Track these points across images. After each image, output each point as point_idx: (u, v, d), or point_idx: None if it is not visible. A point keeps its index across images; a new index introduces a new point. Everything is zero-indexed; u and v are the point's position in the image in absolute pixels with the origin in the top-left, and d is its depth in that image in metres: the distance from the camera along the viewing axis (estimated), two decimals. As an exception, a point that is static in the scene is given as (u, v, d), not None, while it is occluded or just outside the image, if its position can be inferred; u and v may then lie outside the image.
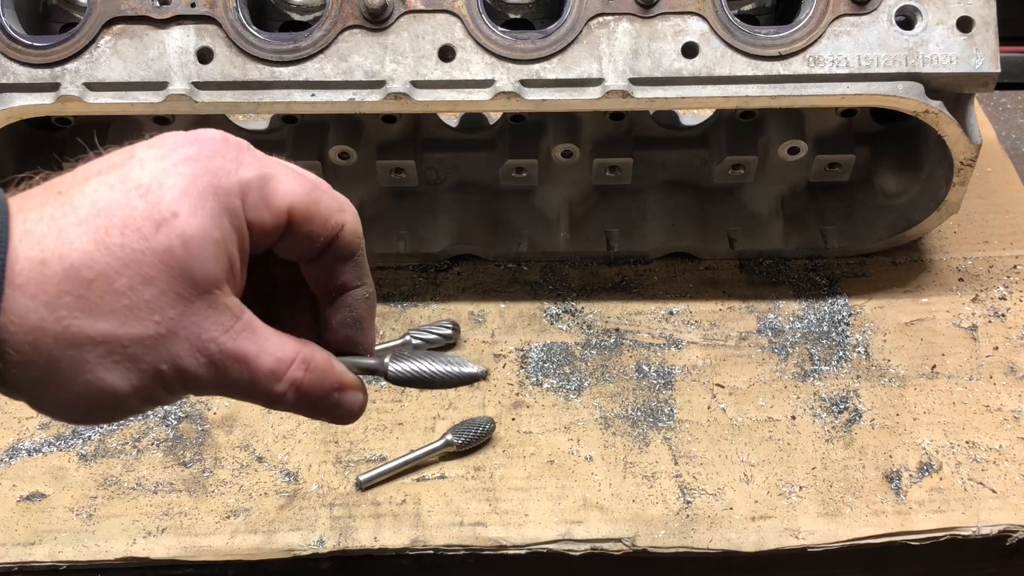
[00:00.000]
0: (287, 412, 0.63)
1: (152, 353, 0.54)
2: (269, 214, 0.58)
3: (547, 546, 0.92)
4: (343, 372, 0.64)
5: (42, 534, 0.93)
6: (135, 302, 0.53)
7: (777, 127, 1.13)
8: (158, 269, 0.54)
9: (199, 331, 0.56)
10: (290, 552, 0.92)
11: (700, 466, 0.98)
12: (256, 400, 0.61)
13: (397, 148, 1.15)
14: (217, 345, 0.56)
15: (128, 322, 0.53)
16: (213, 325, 0.56)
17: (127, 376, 0.54)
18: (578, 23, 0.97)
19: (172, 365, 0.55)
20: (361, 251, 0.65)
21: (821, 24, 0.97)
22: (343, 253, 0.63)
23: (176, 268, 0.54)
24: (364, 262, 0.65)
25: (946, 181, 1.06)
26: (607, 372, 1.06)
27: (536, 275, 1.17)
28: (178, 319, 0.55)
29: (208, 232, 0.55)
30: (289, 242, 0.61)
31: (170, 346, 0.55)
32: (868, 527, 0.93)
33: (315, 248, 0.62)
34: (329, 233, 0.61)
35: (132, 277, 0.53)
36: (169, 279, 0.54)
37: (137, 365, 0.54)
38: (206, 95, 0.97)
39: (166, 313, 0.54)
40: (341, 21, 0.97)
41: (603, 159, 1.14)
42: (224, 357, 0.57)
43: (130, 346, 0.54)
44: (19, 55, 0.97)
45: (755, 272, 1.17)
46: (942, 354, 1.07)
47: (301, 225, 0.60)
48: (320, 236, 0.61)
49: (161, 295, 0.54)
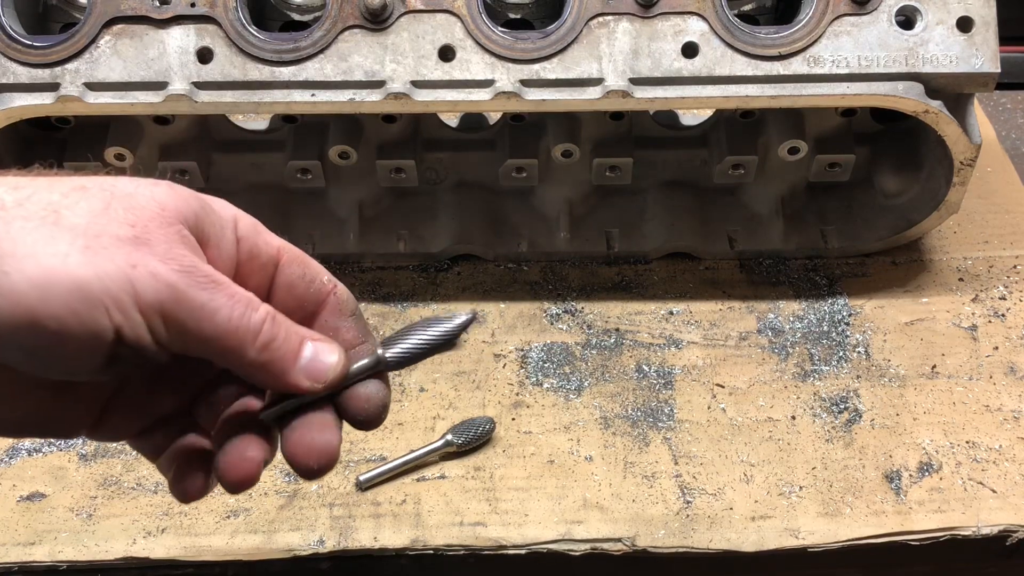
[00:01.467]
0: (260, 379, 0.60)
1: (124, 248, 0.53)
2: (261, 241, 0.61)
3: (547, 546, 0.92)
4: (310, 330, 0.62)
5: (42, 534, 0.93)
6: (112, 207, 0.54)
7: (777, 127, 1.13)
8: (140, 192, 0.56)
9: (172, 245, 0.55)
10: (290, 552, 0.92)
11: (700, 466, 0.98)
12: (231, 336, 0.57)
13: (397, 148, 1.15)
14: (191, 260, 0.55)
15: (103, 220, 0.53)
16: (187, 248, 0.56)
17: (95, 261, 0.52)
18: (578, 23, 0.97)
19: (146, 265, 0.53)
20: (359, 312, 0.65)
21: (821, 24, 0.97)
22: (343, 308, 0.64)
23: (159, 196, 0.56)
24: (365, 323, 0.66)
25: (946, 181, 1.06)
26: (607, 372, 1.06)
27: (536, 275, 1.18)
28: (154, 230, 0.55)
29: (195, 201, 0.58)
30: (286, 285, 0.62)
31: (143, 248, 0.54)
32: (868, 527, 0.93)
33: (311, 295, 0.63)
34: (323, 284, 0.63)
35: (114, 193, 0.55)
36: (149, 200, 0.56)
37: (108, 254, 0.52)
38: (206, 95, 0.97)
39: (142, 222, 0.54)
40: (341, 21, 0.97)
41: (603, 159, 1.14)
42: (197, 271, 0.55)
43: (102, 236, 0.53)
44: (19, 55, 0.97)
45: (755, 272, 1.17)
46: (942, 354, 1.07)
47: (293, 265, 0.62)
48: (314, 281, 0.63)
49: (140, 209, 0.55)
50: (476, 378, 1.06)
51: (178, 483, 0.64)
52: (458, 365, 1.07)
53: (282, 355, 0.59)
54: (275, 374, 0.59)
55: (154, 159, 1.13)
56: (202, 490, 0.64)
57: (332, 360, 0.61)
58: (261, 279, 0.62)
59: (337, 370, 0.61)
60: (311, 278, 0.63)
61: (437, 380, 1.06)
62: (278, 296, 0.63)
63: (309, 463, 0.61)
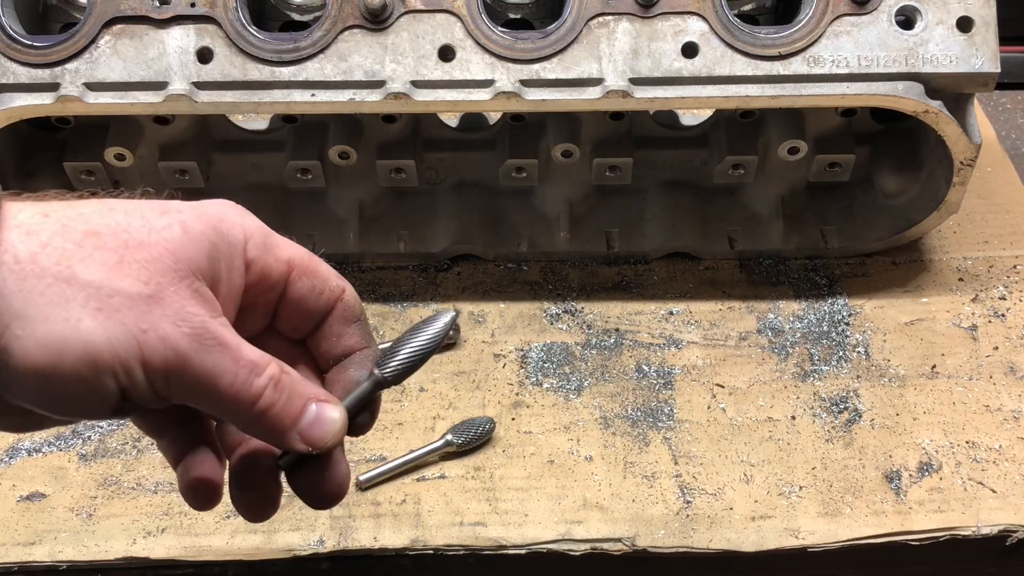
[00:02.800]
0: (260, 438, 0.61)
1: (136, 310, 0.53)
2: (272, 259, 0.61)
3: (547, 546, 0.92)
4: (319, 388, 0.63)
5: (42, 534, 0.93)
6: (125, 260, 0.54)
7: (777, 127, 1.13)
8: (153, 240, 0.55)
9: (185, 303, 0.55)
10: (290, 552, 0.92)
11: (700, 466, 0.98)
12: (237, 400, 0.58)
13: (397, 148, 1.15)
14: (202, 321, 0.56)
15: (116, 275, 0.54)
16: (198, 307, 0.56)
17: (106, 326, 0.53)
18: (578, 23, 0.97)
19: (156, 329, 0.54)
20: (364, 316, 0.67)
21: (821, 24, 0.97)
22: (349, 314, 0.65)
23: (172, 244, 0.56)
24: (368, 328, 0.67)
25: (946, 181, 1.06)
26: (607, 372, 1.06)
27: (536, 275, 1.18)
28: (166, 286, 0.55)
29: (207, 235, 0.57)
30: (295, 298, 0.63)
31: (155, 308, 0.54)
32: (868, 527, 0.93)
33: (320, 306, 0.64)
34: (332, 292, 0.64)
35: (127, 241, 0.55)
36: (162, 250, 0.55)
37: (120, 318, 0.53)
38: (206, 95, 0.97)
39: (155, 278, 0.55)
40: (341, 21, 0.97)
41: (603, 159, 1.14)
42: (206, 334, 0.56)
43: (115, 296, 0.53)
44: (19, 55, 0.97)
45: (755, 272, 1.17)
46: (942, 354, 1.07)
47: (303, 278, 0.63)
48: (323, 291, 0.64)
49: (153, 261, 0.55)
50: (476, 378, 1.06)
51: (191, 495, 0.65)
52: (458, 365, 1.07)
53: (279, 421, 0.60)
54: (272, 437, 0.61)
55: (154, 159, 1.13)
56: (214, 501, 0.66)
57: (333, 428, 0.62)
58: (270, 298, 0.63)
59: (337, 435, 0.62)
60: (320, 289, 0.64)
61: (437, 380, 1.06)
62: (286, 310, 0.64)
63: (322, 504, 0.65)
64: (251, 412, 0.58)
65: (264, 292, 0.62)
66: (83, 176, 1.13)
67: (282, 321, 0.65)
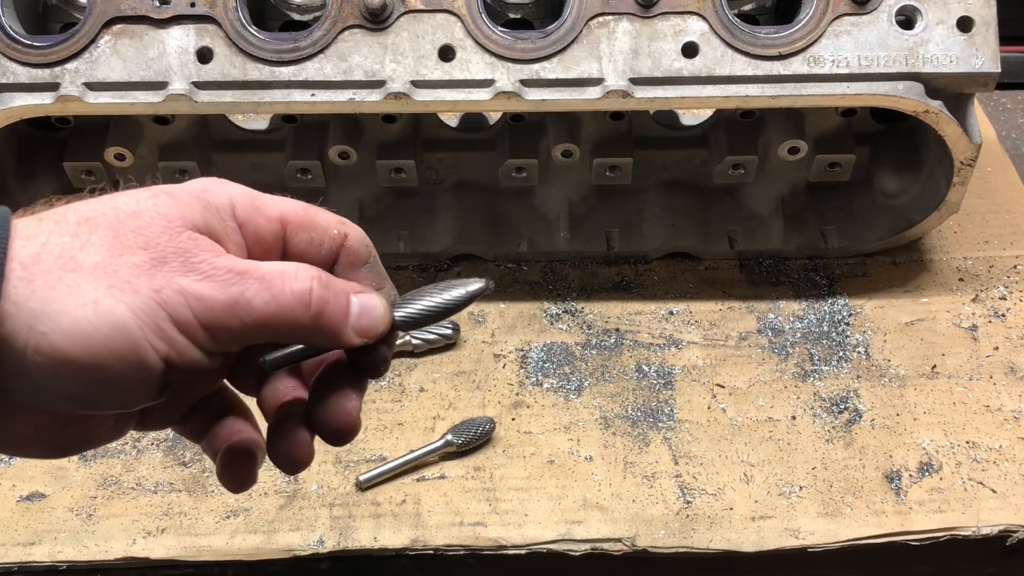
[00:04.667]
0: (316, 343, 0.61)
1: (144, 276, 0.54)
2: (262, 219, 0.61)
3: (547, 546, 0.92)
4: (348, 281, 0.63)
5: (42, 534, 0.93)
6: (120, 233, 0.55)
7: (777, 127, 1.13)
8: (143, 208, 0.56)
9: (188, 255, 0.55)
10: (290, 552, 0.92)
11: (700, 466, 0.98)
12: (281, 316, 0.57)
13: (397, 148, 1.15)
14: (209, 264, 0.56)
15: (115, 251, 0.54)
16: (202, 251, 0.56)
17: (123, 298, 0.53)
18: (578, 23, 0.97)
19: (169, 285, 0.54)
20: (373, 258, 0.65)
21: (821, 24, 0.97)
22: (355, 259, 0.64)
23: (161, 208, 0.56)
24: (380, 268, 0.66)
25: (946, 181, 1.06)
26: (607, 372, 1.06)
27: (536, 275, 1.17)
28: (166, 245, 0.55)
29: (195, 201, 0.58)
30: (296, 253, 0.62)
31: (162, 268, 0.54)
32: (868, 527, 0.93)
33: (323, 257, 0.63)
34: (332, 241, 0.63)
35: (118, 216, 0.55)
36: (153, 214, 0.56)
37: (131, 287, 0.53)
38: (206, 95, 0.97)
39: (153, 240, 0.55)
40: (341, 21, 0.97)
41: (603, 159, 1.14)
42: (221, 271, 0.56)
43: (121, 269, 0.54)
44: (19, 55, 0.97)
45: (755, 272, 1.17)
46: (942, 354, 1.07)
47: (300, 232, 0.62)
48: (323, 242, 0.62)
49: (146, 226, 0.55)
50: (476, 378, 1.06)
51: (226, 475, 0.65)
52: (458, 365, 1.07)
53: (335, 319, 0.60)
54: (330, 336, 0.60)
55: (154, 159, 1.13)
56: (250, 480, 0.66)
57: (379, 313, 0.62)
58: (272, 256, 0.62)
59: (385, 322, 0.63)
60: (319, 240, 0.63)
61: (437, 380, 1.06)
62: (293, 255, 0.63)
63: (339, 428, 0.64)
64: (307, 317, 0.58)
65: (263, 253, 0.61)
66: (83, 176, 1.13)
67: None
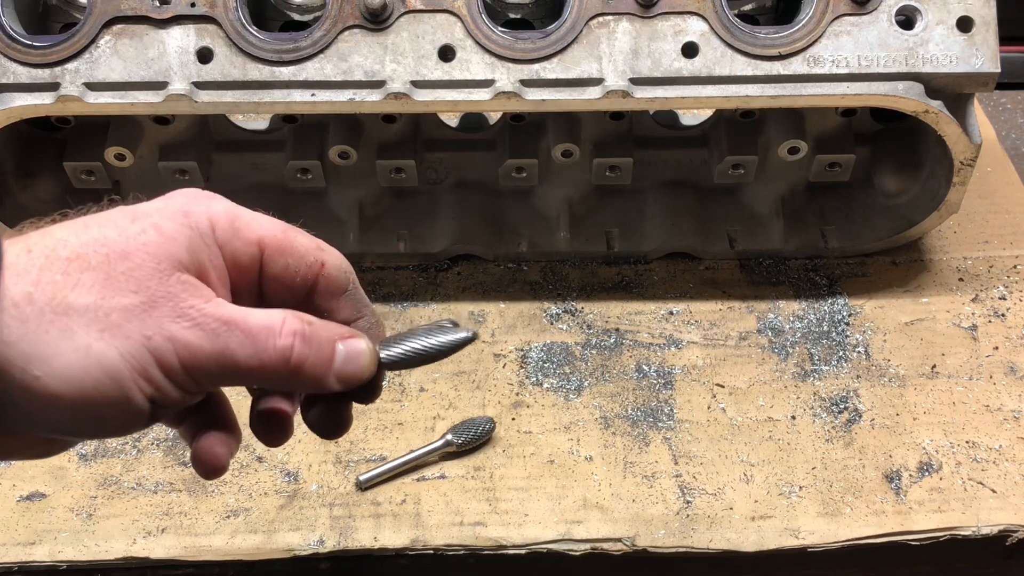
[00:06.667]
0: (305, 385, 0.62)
1: (135, 321, 0.55)
2: (240, 243, 0.61)
3: (547, 546, 0.92)
4: (338, 324, 0.64)
5: (42, 534, 0.93)
6: (112, 275, 0.55)
7: (777, 127, 1.13)
8: (132, 248, 0.57)
9: (178, 300, 0.57)
10: (290, 552, 0.92)
11: (700, 466, 0.98)
12: (268, 367, 0.59)
13: (397, 148, 1.15)
14: (198, 311, 0.57)
15: (107, 293, 0.55)
16: (192, 297, 0.57)
17: (114, 343, 0.54)
18: (578, 23, 0.97)
19: (159, 331, 0.56)
20: (353, 285, 0.66)
21: (821, 24, 0.97)
22: (333, 288, 0.64)
23: (150, 247, 0.57)
24: (361, 295, 0.66)
25: (946, 181, 1.06)
26: (607, 372, 1.06)
27: (536, 275, 1.18)
28: (156, 289, 0.56)
29: (179, 232, 0.59)
30: (272, 278, 0.63)
31: (152, 313, 0.56)
32: (868, 527, 0.93)
33: (299, 284, 0.63)
34: (309, 268, 0.63)
35: (108, 254, 0.56)
36: (143, 255, 0.57)
37: (123, 332, 0.55)
38: (206, 95, 0.97)
39: (143, 284, 0.56)
40: (341, 21, 0.97)
41: (603, 159, 1.14)
42: (209, 320, 0.57)
43: (112, 314, 0.55)
44: (19, 55, 0.97)
45: (755, 272, 1.17)
46: (942, 354, 1.07)
47: (277, 258, 0.62)
48: (299, 270, 0.63)
49: (137, 268, 0.56)
50: (476, 378, 1.06)
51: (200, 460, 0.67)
52: (458, 365, 1.07)
53: (316, 371, 0.61)
54: (311, 386, 0.62)
55: (154, 159, 1.13)
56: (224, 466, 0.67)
57: (363, 362, 0.63)
58: (248, 279, 0.63)
59: (370, 369, 0.64)
60: (295, 268, 0.63)
61: (437, 380, 1.06)
62: (269, 290, 0.64)
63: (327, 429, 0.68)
64: (285, 372, 0.59)
65: (240, 276, 0.62)
66: (83, 176, 1.13)
67: (269, 301, 0.64)
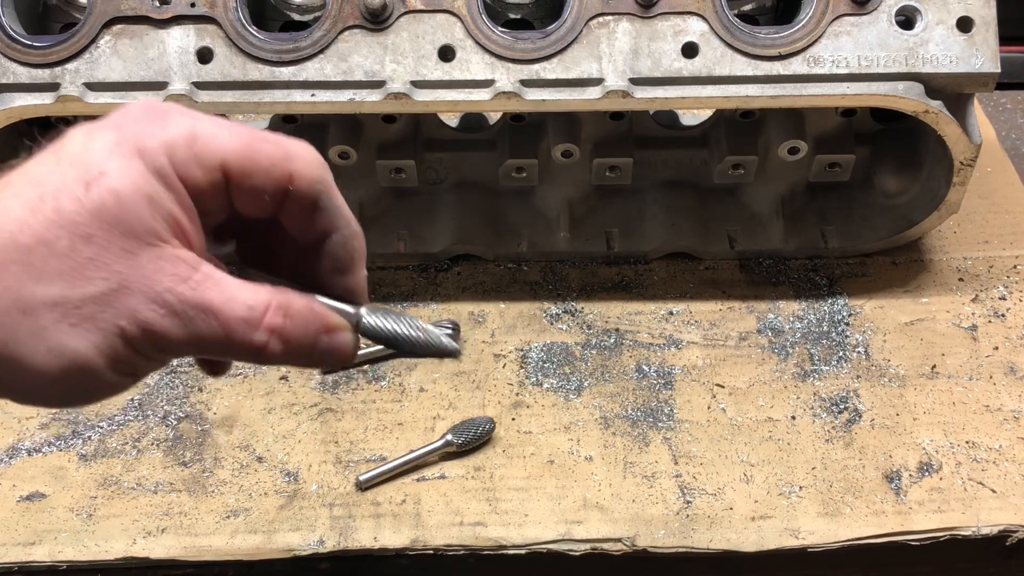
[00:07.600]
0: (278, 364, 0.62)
1: (108, 310, 0.53)
2: (200, 171, 0.56)
3: (547, 546, 0.92)
4: (326, 314, 0.61)
5: (42, 534, 0.93)
6: (78, 262, 0.53)
7: (777, 127, 1.13)
8: (95, 227, 0.53)
9: (151, 283, 0.54)
10: (290, 552, 0.92)
11: (700, 466, 0.98)
12: (240, 355, 0.58)
13: (397, 148, 1.15)
14: (174, 295, 0.54)
15: (75, 282, 0.53)
16: (166, 276, 0.54)
17: (87, 337, 0.53)
18: (578, 23, 0.97)
19: (132, 320, 0.54)
20: (325, 196, 0.60)
21: (821, 24, 0.97)
22: (303, 202, 0.60)
23: (112, 222, 0.53)
24: (334, 206, 0.61)
25: (946, 181, 1.06)
26: (607, 372, 1.06)
27: (536, 275, 1.18)
28: (127, 272, 0.53)
29: (139, 187, 0.54)
30: (240, 197, 0.59)
31: (125, 300, 0.53)
32: (868, 527, 0.93)
33: (267, 201, 0.59)
34: (276, 184, 0.58)
35: (71, 238, 0.53)
36: (108, 235, 0.53)
37: (95, 324, 0.53)
38: (206, 95, 0.97)
39: (112, 268, 0.53)
40: (341, 21, 0.97)
41: (603, 159, 1.14)
42: (186, 307, 0.55)
43: (83, 306, 0.53)
44: (19, 55, 0.97)
45: (755, 272, 1.17)
46: (942, 354, 1.07)
47: (242, 180, 0.57)
48: (266, 187, 0.58)
49: (103, 251, 0.53)
50: (476, 378, 1.06)
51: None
52: (458, 365, 1.07)
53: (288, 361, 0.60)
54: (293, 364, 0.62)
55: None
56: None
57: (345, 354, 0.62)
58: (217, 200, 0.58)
59: (352, 354, 0.63)
60: (261, 186, 0.58)
61: (437, 380, 1.06)
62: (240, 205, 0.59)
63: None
64: (260, 359, 0.58)
65: (207, 200, 0.58)
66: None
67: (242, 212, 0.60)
